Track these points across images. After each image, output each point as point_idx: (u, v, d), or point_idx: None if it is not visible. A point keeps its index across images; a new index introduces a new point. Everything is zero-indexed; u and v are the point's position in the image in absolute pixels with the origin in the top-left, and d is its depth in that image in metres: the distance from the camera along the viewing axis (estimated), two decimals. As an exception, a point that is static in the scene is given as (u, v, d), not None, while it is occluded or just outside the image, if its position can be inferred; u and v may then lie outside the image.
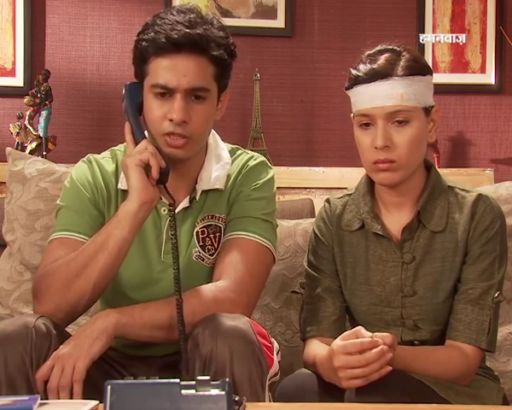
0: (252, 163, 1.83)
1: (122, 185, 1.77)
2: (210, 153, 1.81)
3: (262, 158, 1.86)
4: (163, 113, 1.67)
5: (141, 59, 1.70)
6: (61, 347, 1.54)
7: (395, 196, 1.78)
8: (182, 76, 1.65)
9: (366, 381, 1.52)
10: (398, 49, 1.73)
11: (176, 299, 1.60)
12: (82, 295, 1.64)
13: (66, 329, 1.69)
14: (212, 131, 1.83)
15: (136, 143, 1.68)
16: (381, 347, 1.51)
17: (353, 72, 1.73)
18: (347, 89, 1.75)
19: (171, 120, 1.66)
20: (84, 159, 1.85)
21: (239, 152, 1.87)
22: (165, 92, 1.67)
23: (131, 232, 1.64)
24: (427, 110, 1.73)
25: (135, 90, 1.73)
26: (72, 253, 1.67)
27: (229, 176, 1.81)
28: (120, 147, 1.87)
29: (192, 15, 1.68)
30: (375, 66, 1.69)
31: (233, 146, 1.88)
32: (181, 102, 1.66)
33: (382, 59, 1.70)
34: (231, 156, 1.84)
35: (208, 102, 1.70)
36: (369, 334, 1.54)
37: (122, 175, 1.76)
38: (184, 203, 1.78)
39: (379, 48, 1.75)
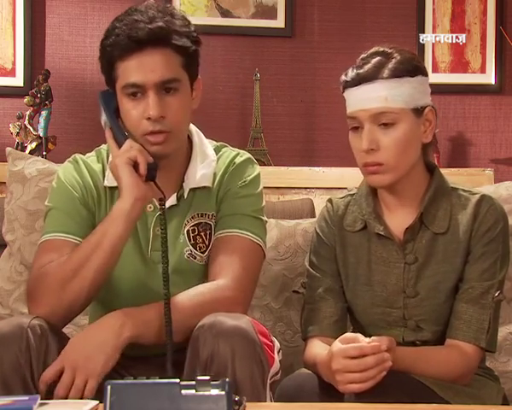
0: (238, 160, 1.84)
1: (108, 182, 1.78)
2: (195, 151, 1.82)
3: (248, 155, 1.87)
4: (139, 113, 1.68)
5: (108, 65, 1.71)
6: (69, 350, 1.54)
7: (393, 198, 1.77)
8: (150, 71, 1.66)
9: (362, 388, 1.51)
10: (389, 51, 1.73)
11: (164, 294, 1.61)
12: (78, 295, 1.64)
13: (65, 329, 1.69)
14: (196, 128, 1.84)
15: (120, 146, 1.69)
16: (382, 353, 1.51)
17: (343, 76, 1.74)
18: (342, 91, 1.76)
19: (148, 119, 1.67)
20: (69, 159, 1.85)
21: (224, 149, 1.87)
22: (137, 91, 1.68)
23: (126, 230, 1.65)
24: (419, 111, 1.72)
25: (109, 96, 1.74)
26: (66, 255, 1.67)
27: (215, 174, 1.81)
28: (104, 146, 1.86)
29: (151, 11, 1.68)
30: (361, 70, 1.70)
31: (218, 143, 1.89)
32: (154, 97, 1.66)
33: (370, 63, 1.70)
34: (216, 154, 1.85)
35: (181, 92, 1.71)
36: (368, 340, 1.54)
37: (108, 172, 1.76)
38: (171, 201, 1.78)
39: (373, 50, 1.75)
